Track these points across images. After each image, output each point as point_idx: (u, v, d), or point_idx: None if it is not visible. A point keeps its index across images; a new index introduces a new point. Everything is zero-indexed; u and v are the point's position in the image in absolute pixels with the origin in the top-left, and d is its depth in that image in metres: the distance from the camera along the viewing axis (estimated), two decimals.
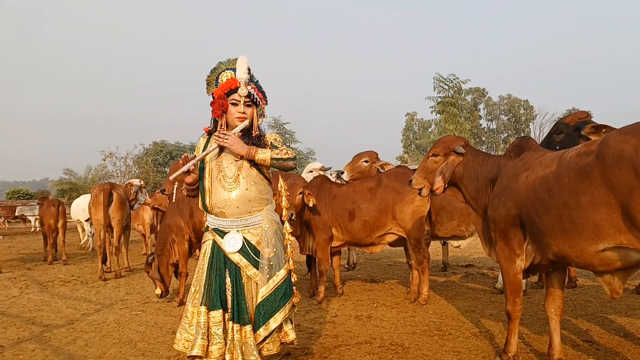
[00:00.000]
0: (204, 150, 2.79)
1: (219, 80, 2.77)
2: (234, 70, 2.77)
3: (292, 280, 2.83)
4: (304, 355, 3.52)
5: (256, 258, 2.71)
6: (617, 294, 2.66)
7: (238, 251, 2.70)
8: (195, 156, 2.74)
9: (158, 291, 5.29)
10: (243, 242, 2.70)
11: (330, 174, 8.26)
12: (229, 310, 2.67)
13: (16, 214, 21.19)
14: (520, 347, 3.43)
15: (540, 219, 2.73)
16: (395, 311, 4.72)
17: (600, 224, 2.42)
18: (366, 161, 5.98)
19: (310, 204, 5.04)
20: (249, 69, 2.79)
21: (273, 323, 2.70)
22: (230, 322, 2.65)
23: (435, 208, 5.44)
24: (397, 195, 5.05)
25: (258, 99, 2.79)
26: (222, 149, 2.75)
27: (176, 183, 5.29)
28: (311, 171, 7.67)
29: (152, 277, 5.35)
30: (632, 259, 2.46)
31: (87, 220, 10.33)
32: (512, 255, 3.03)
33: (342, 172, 6.05)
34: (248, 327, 2.65)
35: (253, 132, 2.79)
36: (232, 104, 2.74)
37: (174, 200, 5.47)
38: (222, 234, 2.73)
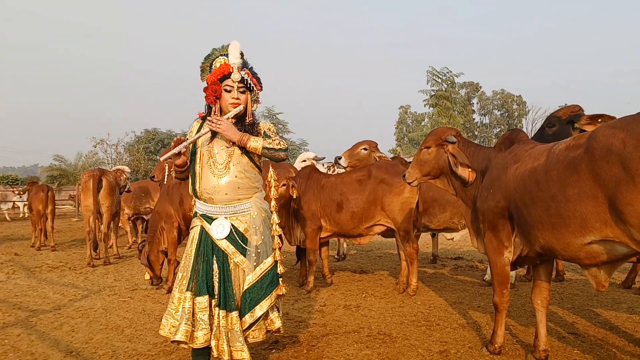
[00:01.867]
0: (196, 134, 2.75)
1: (213, 66, 2.73)
2: (227, 56, 2.73)
3: (279, 271, 2.81)
4: (292, 343, 3.53)
5: (243, 245, 2.70)
6: (603, 287, 2.68)
7: (225, 238, 2.68)
8: (187, 139, 2.71)
9: (147, 276, 5.28)
10: (231, 229, 2.69)
11: (323, 164, 8.24)
12: (216, 297, 2.66)
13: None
14: (507, 338, 3.46)
15: (528, 211, 2.74)
16: (383, 301, 4.73)
17: (587, 217, 2.43)
18: (365, 149, 5.89)
19: (294, 196, 5.00)
20: (242, 54, 2.75)
21: (259, 310, 2.69)
22: (217, 308, 2.64)
23: (427, 200, 5.43)
24: (386, 186, 5.03)
25: (252, 85, 2.75)
26: (214, 134, 2.72)
27: (166, 170, 5.24)
28: (304, 160, 7.63)
29: (142, 264, 5.35)
30: (618, 253, 2.47)
31: None
32: (500, 247, 3.04)
33: (340, 158, 5.95)
34: (234, 314, 2.64)
35: (247, 118, 2.76)
36: (226, 90, 2.70)
37: (164, 187, 5.43)
38: (210, 220, 2.72)
